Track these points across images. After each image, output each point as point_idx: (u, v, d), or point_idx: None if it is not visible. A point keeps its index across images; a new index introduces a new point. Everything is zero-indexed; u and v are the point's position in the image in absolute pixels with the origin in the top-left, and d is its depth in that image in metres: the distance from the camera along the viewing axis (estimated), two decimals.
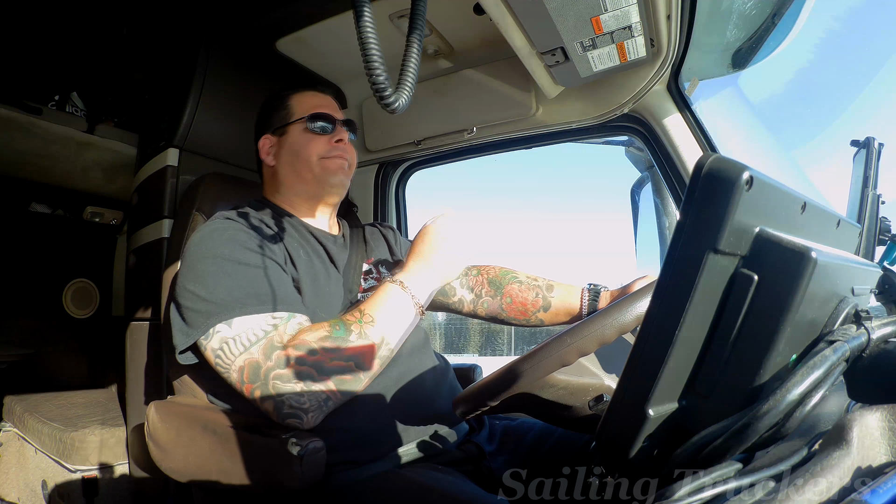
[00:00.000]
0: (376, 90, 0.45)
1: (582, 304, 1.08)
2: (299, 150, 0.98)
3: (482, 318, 1.19)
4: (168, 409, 0.88)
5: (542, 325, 1.14)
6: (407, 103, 0.47)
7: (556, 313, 1.11)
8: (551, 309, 1.11)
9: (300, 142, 0.99)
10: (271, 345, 0.74)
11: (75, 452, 1.47)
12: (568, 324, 1.11)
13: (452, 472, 0.79)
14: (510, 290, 1.14)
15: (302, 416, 0.72)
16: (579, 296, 1.09)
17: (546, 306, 1.11)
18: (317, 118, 0.99)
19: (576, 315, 1.09)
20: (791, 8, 1.09)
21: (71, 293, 2.39)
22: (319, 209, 1.02)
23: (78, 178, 2.10)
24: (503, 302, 1.14)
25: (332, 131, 1.00)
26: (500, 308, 1.14)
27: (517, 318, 1.14)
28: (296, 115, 1.01)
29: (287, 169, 1.00)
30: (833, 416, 0.42)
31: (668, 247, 0.34)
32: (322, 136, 0.99)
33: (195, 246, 0.82)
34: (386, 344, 0.78)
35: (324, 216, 1.04)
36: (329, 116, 1.01)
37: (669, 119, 1.20)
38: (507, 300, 1.13)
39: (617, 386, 0.38)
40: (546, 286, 1.13)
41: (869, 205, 0.79)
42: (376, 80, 0.44)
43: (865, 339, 0.36)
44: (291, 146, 0.99)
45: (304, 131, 0.99)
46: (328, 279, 0.91)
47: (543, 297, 1.12)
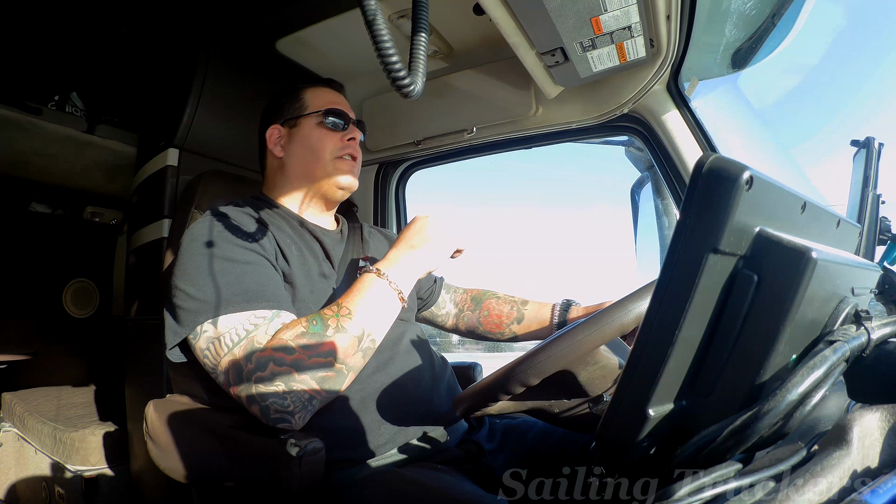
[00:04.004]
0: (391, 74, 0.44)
1: (553, 316, 1.14)
2: (313, 145, 0.98)
3: (461, 333, 1.25)
4: (167, 409, 0.88)
5: (516, 339, 1.19)
6: (422, 88, 0.46)
7: (529, 325, 1.16)
8: (524, 321, 1.17)
9: (314, 136, 0.98)
10: (252, 345, 0.73)
11: (75, 452, 1.47)
12: (539, 334, 1.16)
13: (452, 471, 0.79)
14: (488, 305, 1.21)
15: (289, 419, 0.71)
16: (550, 309, 1.15)
17: (519, 318, 1.17)
18: (332, 114, 0.99)
19: (546, 326, 1.15)
20: (791, 8, 1.09)
21: (71, 293, 2.39)
22: (320, 205, 1.02)
23: (78, 178, 2.10)
24: (480, 315, 1.21)
25: (345, 129, 1.00)
26: (478, 321, 1.21)
27: (492, 332, 1.20)
28: (310, 108, 1.00)
29: (296, 162, 0.99)
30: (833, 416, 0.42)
31: (668, 247, 0.34)
32: (335, 132, 0.99)
33: (185, 243, 0.82)
34: (367, 336, 0.76)
35: (323, 212, 1.04)
36: (344, 114, 1.01)
37: (669, 119, 1.20)
38: (485, 313, 1.20)
39: (617, 386, 0.38)
40: (521, 301, 1.20)
41: (869, 205, 0.79)
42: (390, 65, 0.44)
43: (865, 339, 0.36)
44: (304, 139, 0.99)
45: (318, 126, 0.99)
46: (322, 274, 0.91)
47: (517, 311, 1.18)
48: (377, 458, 0.80)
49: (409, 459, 0.83)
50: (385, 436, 0.82)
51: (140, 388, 1.32)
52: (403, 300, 0.82)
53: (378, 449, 0.81)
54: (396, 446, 0.83)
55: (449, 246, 0.88)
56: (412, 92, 0.45)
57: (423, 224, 0.86)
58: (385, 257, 0.84)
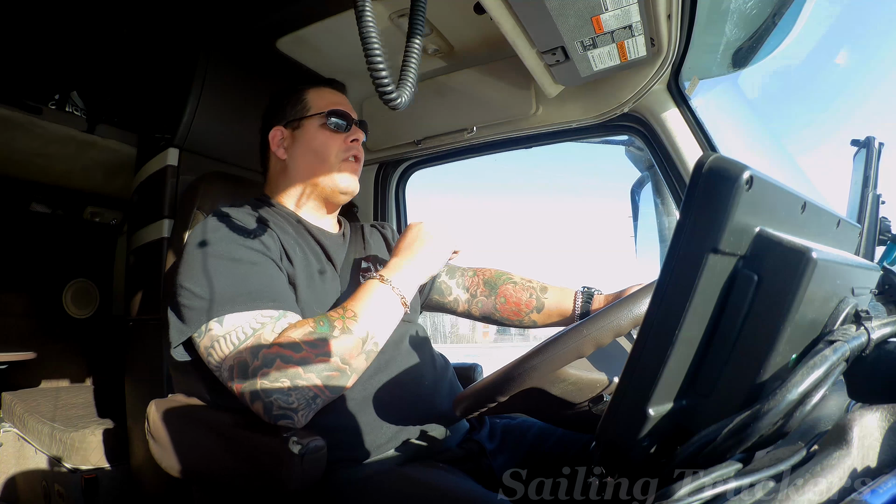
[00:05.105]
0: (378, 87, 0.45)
1: (575, 307, 1.10)
2: (317, 148, 0.98)
3: (476, 319, 1.21)
4: (168, 408, 0.88)
5: (535, 326, 1.15)
6: (409, 100, 0.47)
7: (549, 314, 1.12)
8: (544, 310, 1.13)
9: (318, 138, 0.98)
10: (259, 343, 0.74)
11: (75, 452, 1.47)
12: (561, 325, 1.12)
13: (453, 470, 0.79)
14: (504, 291, 1.15)
15: (292, 416, 0.72)
16: (573, 298, 1.11)
17: (539, 307, 1.13)
18: (335, 115, 0.99)
19: (568, 317, 1.11)
20: (791, 8, 1.09)
21: (71, 293, 2.39)
22: (323, 207, 1.02)
23: (78, 178, 2.10)
24: (497, 302, 1.15)
25: (348, 130, 1.00)
26: (494, 308, 1.16)
27: (510, 319, 1.15)
28: (312, 109, 1.00)
29: (300, 164, 0.99)
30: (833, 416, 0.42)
31: (668, 247, 0.34)
32: (338, 134, 0.99)
33: (192, 243, 0.82)
34: (371, 339, 0.77)
35: (326, 214, 1.04)
36: (347, 114, 1.01)
37: (669, 118, 1.20)
38: (501, 300, 1.15)
39: (617, 386, 0.38)
40: (540, 288, 1.14)
41: (869, 205, 0.79)
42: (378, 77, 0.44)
43: (865, 339, 0.36)
44: (308, 141, 0.99)
45: (321, 127, 0.99)
46: (324, 276, 0.91)
47: (537, 298, 1.13)
48: (378, 457, 0.81)
49: (410, 458, 0.83)
50: (386, 435, 0.82)
51: (140, 388, 1.32)
52: (406, 305, 0.83)
53: (379, 448, 0.81)
54: (397, 445, 0.83)
55: (446, 248, 0.89)
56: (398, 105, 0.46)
57: (419, 230, 0.88)
58: (387, 265, 0.85)
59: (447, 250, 0.89)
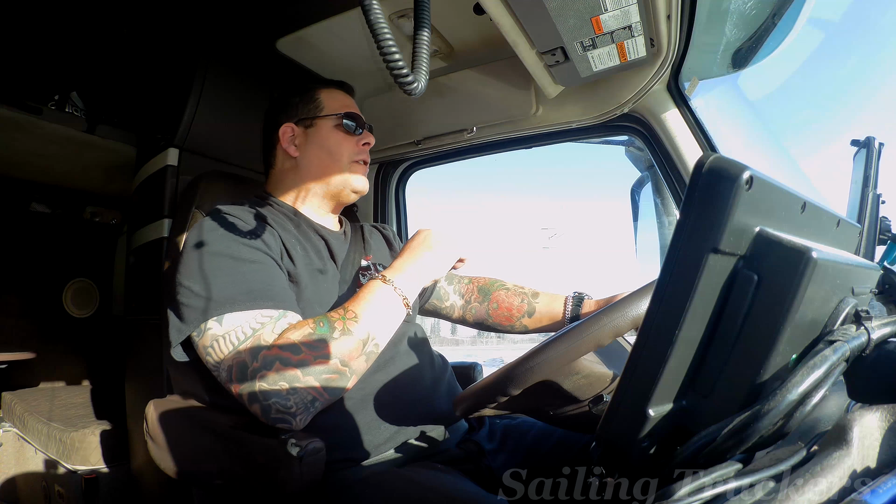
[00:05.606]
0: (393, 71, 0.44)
1: (565, 311, 1.12)
2: (331, 148, 0.99)
3: (470, 325, 1.23)
4: (168, 409, 0.88)
5: (526, 332, 1.17)
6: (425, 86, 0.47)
7: (540, 318, 1.15)
8: (535, 314, 1.15)
9: (332, 138, 0.99)
10: (258, 344, 0.73)
11: (75, 452, 1.47)
12: (551, 330, 1.13)
13: (452, 471, 0.79)
14: (497, 297, 1.18)
15: (290, 420, 0.71)
16: (563, 303, 1.13)
17: (530, 311, 1.15)
18: (349, 117, 1.00)
19: (559, 321, 1.13)
20: (791, 8, 1.09)
21: (71, 293, 2.39)
22: (329, 206, 1.02)
23: (78, 178, 2.10)
24: (490, 307, 1.18)
25: (360, 133, 1.01)
26: (487, 314, 1.18)
27: (502, 324, 1.18)
28: (326, 110, 1.00)
29: (312, 162, 0.99)
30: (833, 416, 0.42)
31: (668, 247, 0.34)
32: (352, 136, 1.00)
33: (191, 241, 0.82)
34: (371, 340, 0.77)
35: (329, 212, 1.04)
36: (360, 118, 1.02)
37: (669, 119, 1.20)
38: (494, 305, 1.18)
39: (617, 386, 0.38)
40: (531, 293, 1.17)
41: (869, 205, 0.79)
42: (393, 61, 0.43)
43: (865, 339, 0.36)
44: (322, 141, 0.99)
45: (336, 128, 0.99)
46: (326, 274, 0.91)
47: (528, 303, 1.16)
48: (377, 458, 0.80)
49: (409, 459, 0.83)
50: (384, 435, 0.82)
51: (140, 388, 1.32)
52: (408, 306, 0.83)
53: (378, 448, 0.81)
54: (396, 446, 0.83)
55: (452, 255, 0.89)
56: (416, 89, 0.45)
57: (427, 235, 0.88)
58: (391, 266, 0.85)
59: (453, 257, 0.89)
